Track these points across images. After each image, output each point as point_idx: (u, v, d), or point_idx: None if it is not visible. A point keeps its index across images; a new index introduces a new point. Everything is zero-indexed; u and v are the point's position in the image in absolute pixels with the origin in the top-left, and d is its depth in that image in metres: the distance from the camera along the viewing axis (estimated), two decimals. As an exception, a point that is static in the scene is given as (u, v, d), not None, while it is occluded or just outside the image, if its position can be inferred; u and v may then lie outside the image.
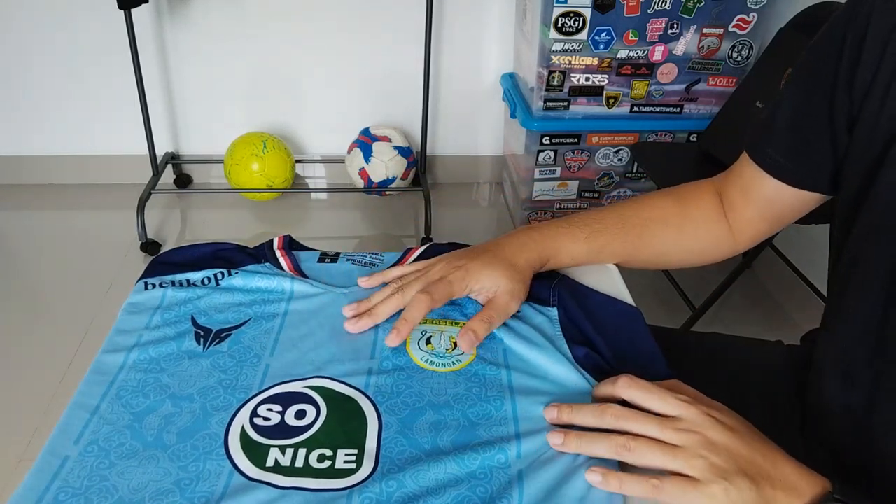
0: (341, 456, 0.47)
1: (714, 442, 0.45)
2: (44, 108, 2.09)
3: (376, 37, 2.04)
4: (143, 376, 0.53)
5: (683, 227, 0.69)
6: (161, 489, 0.44)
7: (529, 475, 0.46)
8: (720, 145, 1.60)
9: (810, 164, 0.58)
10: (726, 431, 0.46)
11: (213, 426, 0.49)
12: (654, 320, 0.69)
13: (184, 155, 2.22)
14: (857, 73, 0.51)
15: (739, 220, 0.67)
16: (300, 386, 0.52)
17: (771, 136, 0.61)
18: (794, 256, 1.76)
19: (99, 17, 1.91)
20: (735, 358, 0.73)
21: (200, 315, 0.60)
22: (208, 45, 2.02)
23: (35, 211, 2.12)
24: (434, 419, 0.50)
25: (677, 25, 1.67)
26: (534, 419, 0.50)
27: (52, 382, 1.47)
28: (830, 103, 0.54)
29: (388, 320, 0.58)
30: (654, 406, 0.48)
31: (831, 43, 0.53)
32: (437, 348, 0.56)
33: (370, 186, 2.05)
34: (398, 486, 0.45)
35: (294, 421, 0.49)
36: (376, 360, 0.55)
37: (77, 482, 0.45)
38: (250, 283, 0.63)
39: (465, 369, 0.54)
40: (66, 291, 1.77)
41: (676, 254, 0.71)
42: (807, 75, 0.57)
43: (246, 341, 0.57)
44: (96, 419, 0.49)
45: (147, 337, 0.57)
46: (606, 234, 0.67)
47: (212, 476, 0.45)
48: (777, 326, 1.75)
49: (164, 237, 1.99)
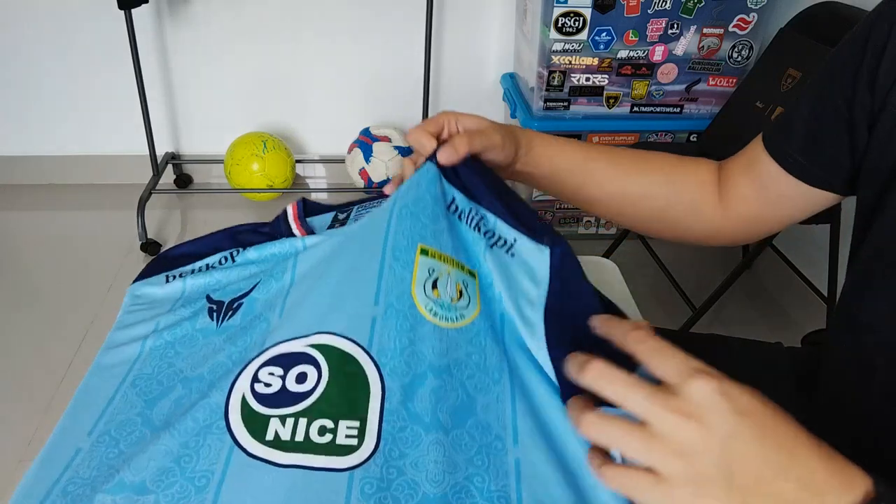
0: (343, 429, 0.45)
1: (711, 431, 0.36)
2: (44, 108, 2.09)
3: (376, 37, 2.04)
4: (157, 363, 0.53)
5: (674, 175, 0.68)
6: (162, 468, 0.44)
7: (525, 462, 0.46)
8: (720, 145, 1.60)
9: (826, 163, 0.57)
10: (736, 417, 0.36)
11: (214, 395, 0.48)
12: (655, 320, 0.69)
13: (184, 155, 2.22)
14: (879, 74, 0.51)
15: (734, 194, 0.65)
16: (301, 345, 0.50)
17: (789, 133, 0.60)
18: (794, 256, 1.76)
19: (99, 18, 1.91)
20: (734, 359, 0.72)
21: (215, 291, 0.59)
22: (208, 44, 2.02)
23: (35, 211, 2.12)
24: (434, 386, 0.48)
25: (677, 25, 1.67)
26: (529, 398, 0.50)
27: (53, 382, 1.47)
28: (851, 101, 0.53)
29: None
30: (657, 370, 0.39)
31: (854, 44, 0.53)
32: (443, 296, 0.53)
33: (370, 186, 2.05)
34: (398, 473, 0.44)
35: (295, 386, 0.48)
36: (380, 306, 0.51)
37: (86, 472, 0.45)
38: (264, 252, 0.62)
39: (466, 327, 0.52)
40: (66, 291, 1.77)
41: (661, 200, 0.68)
42: (828, 76, 0.57)
43: (257, 308, 0.56)
44: (111, 409, 0.49)
45: (164, 322, 0.57)
46: (592, 151, 0.66)
47: (212, 452, 0.44)
48: (777, 326, 1.75)
49: (165, 237, 1.99)
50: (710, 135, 1.68)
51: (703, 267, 1.94)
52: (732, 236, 0.68)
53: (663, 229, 0.70)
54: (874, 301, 0.55)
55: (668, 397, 0.37)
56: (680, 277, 1.74)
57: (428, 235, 0.54)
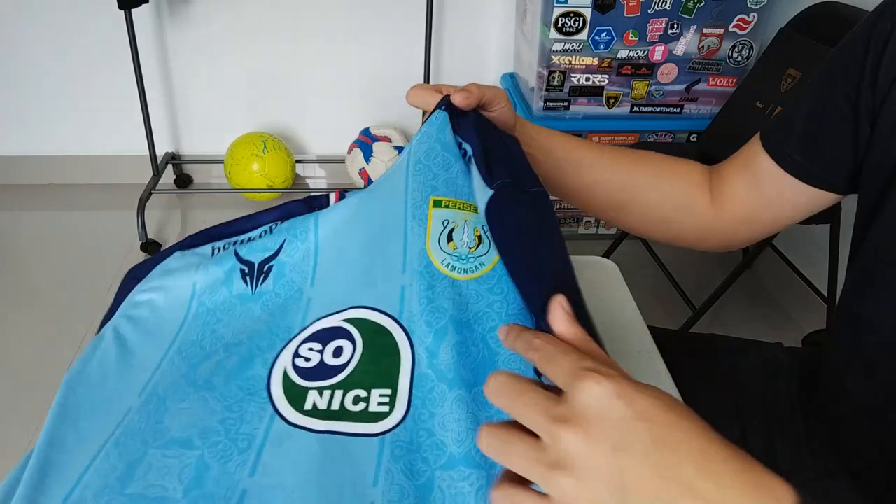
0: (375, 397, 0.48)
1: (597, 442, 0.30)
2: (44, 108, 2.09)
3: (376, 37, 2.04)
4: (201, 330, 0.55)
5: (664, 171, 0.68)
6: (208, 427, 0.47)
7: None
8: (720, 145, 1.60)
9: (826, 162, 0.57)
10: (629, 424, 0.31)
11: (257, 367, 0.51)
12: (655, 320, 0.69)
13: (184, 155, 2.22)
14: (880, 73, 0.51)
15: (728, 194, 0.65)
16: (338, 320, 0.53)
17: (788, 133, 0.60)
18: (794, 256, 1.76)
19: (99, 17, 1.91)
20: (734, 360, 0.72)
21: (241, 247, 0.60)
22: (209, 44, 2.02)
23: (35, 211, 2.12)
24: (455, 341, 0.48)
25: (677, 25, 1.67)
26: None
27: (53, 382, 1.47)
28: (853, 100, 0.53)
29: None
30: (550, 376, 0.34)
31: (855, 43, 0.53)
32: (459, 247, 0.52)
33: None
34: (427, 435, 0.46)
35: (332, 360, 0.50)
36: (407, 273, 0.52)
37: (136, 425, 0.48)
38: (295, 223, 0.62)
39: (487, 275, 0.51)
40: (66, 291, 1.77)
41: (653, 194, 0.67)
42: (829, 75, 0.56)
43: (287, 273, 0.57)
44: (158, 374, 0.52)
45: (201, 283, 0.59)
46: (583, 142, 0.66)
47: (254, 418, 0.47)
48: (777, 326, 1.75)
49: (165, 237, 1.99)
50: (710, 135, 1.68)
51: (703, 267, 1.94)
52: (726, 239, 0.68)
53: (655, 229, 0.69)
54: (875, 300, 0.55)
55: (552, 405, 0.32)
56: (680, 277, 1.74)
57: (440, 185, 0.55)
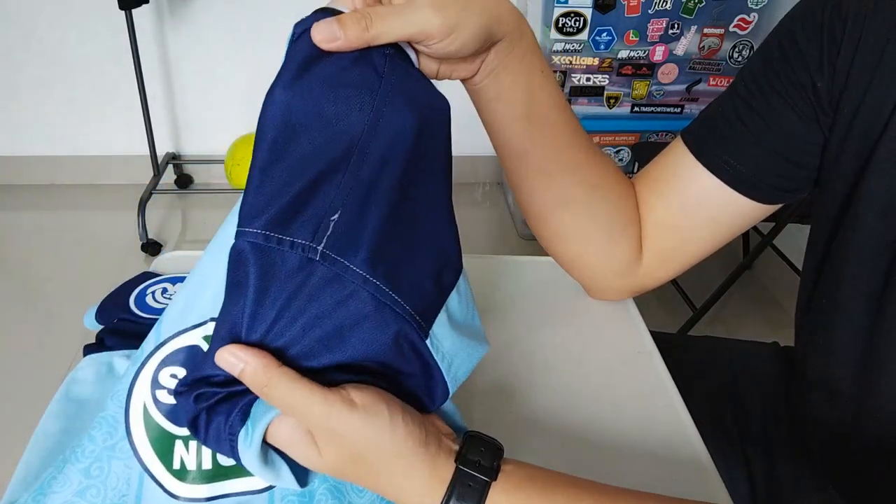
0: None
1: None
2: (44, 108, 2.09)
3: (377, 37, 2.04)
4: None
5: (608, 178, 0.59)
6: None
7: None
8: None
9: (782, 171, 0.53)
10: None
11: (110, 406, 0.39)
12: (655, 320, 0.69)
13: (185, 155, 2.22)
14: (838, 62, 0.47)
15: (649, 223, 0.60)
16: (198, 336, 0.39)
17: (729, 140, 0.54)
18: (794, 256, 1.76)
19: (99, 17, 1.91)
20: (731, 360, 0.72)
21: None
22: (209, 45, 2.02)
23: (35, 211, 2.12)
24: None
25: (678, 25, 1.67)
26: None
27: (53, 383, 1.47)
28: (810, 91, 0.49)
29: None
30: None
31: (806, 38, 0.49)
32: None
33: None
34: (321, 480, 0.40)
35: None
36: None
37: None
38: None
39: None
40: (66, 291, 1.77)
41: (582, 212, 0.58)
42: (773, 71, 0.51)
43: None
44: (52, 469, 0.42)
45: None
46: (573, 141, 0.56)
47: (120, 482, 0.37)
48: (777, 326, 1.75)
49: (165, 237, 2.00)
50: (711, 135, 1.67)
51: (703, 267, 1.93)
52: (650, 265, 0.62)
53: (575, 247, 0.60)
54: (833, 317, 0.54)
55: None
56: (680, 277, 1.74)
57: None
